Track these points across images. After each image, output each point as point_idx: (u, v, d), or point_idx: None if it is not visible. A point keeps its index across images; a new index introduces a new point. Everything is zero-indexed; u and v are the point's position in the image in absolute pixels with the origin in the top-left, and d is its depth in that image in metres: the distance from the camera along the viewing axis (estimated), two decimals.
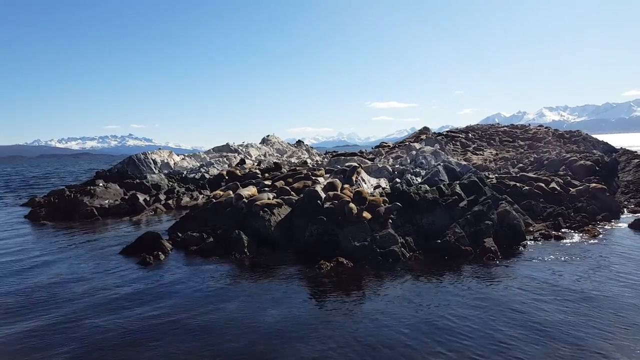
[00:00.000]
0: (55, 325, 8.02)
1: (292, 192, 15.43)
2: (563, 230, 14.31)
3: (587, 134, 37.49)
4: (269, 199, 14.26)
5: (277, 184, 16.90)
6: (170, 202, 22.47)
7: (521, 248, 12.42)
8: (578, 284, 9.38)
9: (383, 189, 15.97)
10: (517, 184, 17.61)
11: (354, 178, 15.61)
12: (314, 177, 16.97)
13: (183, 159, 34.22)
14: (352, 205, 12.57)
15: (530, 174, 19.75)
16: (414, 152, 23.79)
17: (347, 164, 18.20)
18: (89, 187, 23.55)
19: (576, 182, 18.55)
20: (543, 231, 13.95)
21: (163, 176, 28.31)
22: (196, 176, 29.10)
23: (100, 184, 24.15)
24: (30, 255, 13.38)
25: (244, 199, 14.24)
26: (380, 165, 20.41)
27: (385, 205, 13.19)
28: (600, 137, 39.20)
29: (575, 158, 22.19)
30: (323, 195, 13.69)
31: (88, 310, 8.68)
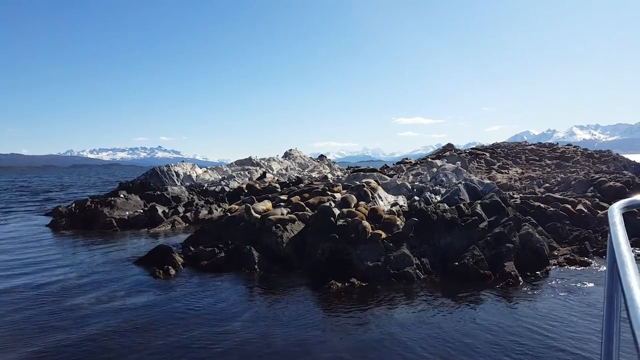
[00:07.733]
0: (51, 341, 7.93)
1: (306, 208, 15.16)
2: (590, 255, 13.56)
3: (617, 154, 36.07)
4: (282, 214, 14.04)
5: (292, 199, 16.67)
6: (188, 214, 22.45)
7: (544, 273, 11.78)
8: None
9: (400, 206, 15.54)
10: (542, 205, 16.91)
11: (369, 194, 15.24)
12: (330, 193, 16.67)
13: (205, 171, 34.44)
14: (365, 223, 12.21)
15: (557, 195, 18.96)
16: (434, 170, 23.26)
17: (364, 180, 17.86)
18: (110, 198, 23.84)
19: (605, 205, 17.69)
20: (568, 256, 13.23)
21: (184, 188, 28.47)
22: (216, 189, 29.16)
23: (121, 195, 24.44)
24: (42, 263, 13.59)
25: (254, 214, 14.08)
26: (400, 182, 19.97)
27: (400, 221, 12.78)
28: (633, 157, 37.65)
29: (604, 179, 21.23)
30: (337, 212, 13.37)
31: (84, 321, 8.58)
